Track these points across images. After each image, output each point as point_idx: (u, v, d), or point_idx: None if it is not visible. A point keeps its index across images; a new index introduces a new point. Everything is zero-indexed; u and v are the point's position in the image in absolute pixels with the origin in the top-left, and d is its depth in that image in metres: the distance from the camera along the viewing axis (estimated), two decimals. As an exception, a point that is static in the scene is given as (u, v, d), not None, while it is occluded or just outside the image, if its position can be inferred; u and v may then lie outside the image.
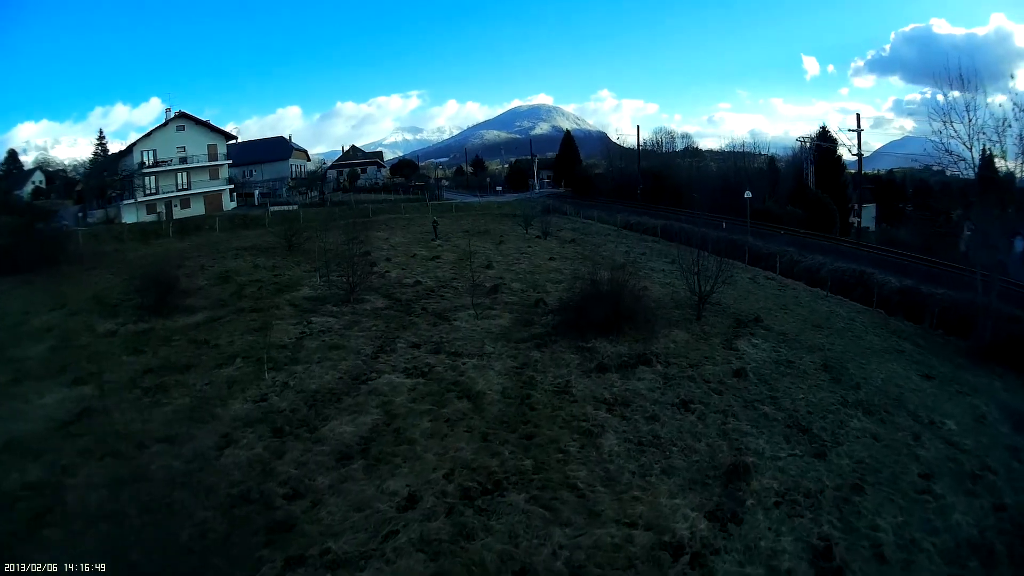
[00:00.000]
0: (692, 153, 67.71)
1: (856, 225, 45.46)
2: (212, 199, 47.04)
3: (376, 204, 49.48)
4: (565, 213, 47.10)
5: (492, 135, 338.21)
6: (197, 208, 46.16)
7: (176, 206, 45.85)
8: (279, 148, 61.78)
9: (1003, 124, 20.19)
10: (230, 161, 48.47)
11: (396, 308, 19.48)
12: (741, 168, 53.20)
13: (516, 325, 17.71)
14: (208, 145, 46.61)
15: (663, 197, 50.89)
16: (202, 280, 24.14)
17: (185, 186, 45.87)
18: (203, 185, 46.48)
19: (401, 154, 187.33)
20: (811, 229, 39.41)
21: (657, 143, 67.69)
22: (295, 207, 46.24)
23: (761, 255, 32.06)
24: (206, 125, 47.19)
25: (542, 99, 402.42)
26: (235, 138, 50.61)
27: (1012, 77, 50.89)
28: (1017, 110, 19.80)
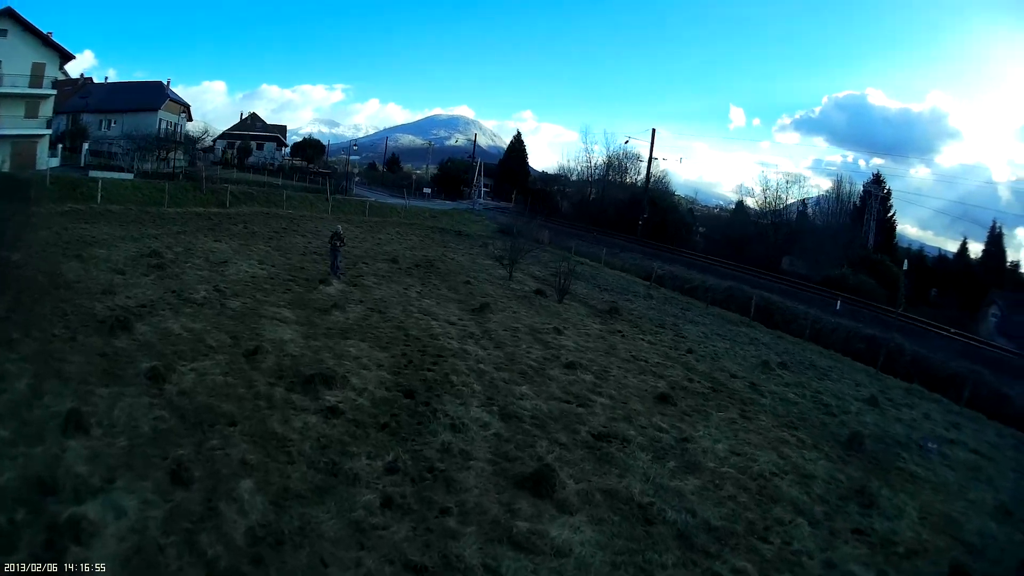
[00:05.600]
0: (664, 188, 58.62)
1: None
2: (24, 149, 28.83)
3: (256, 188, 34.48)
4: (539, 241, 33.63)
5: (408, 139, 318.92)
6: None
7: (-29, 152, 26.96)
8: (149, 95, 42.40)
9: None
10: (55, 91, 30.36)
11: None
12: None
13: None
14: (33, 64, 28.38)
15: (663, 234, 41.06)
16: None
17: (-10, 123, 27.15)
18: (14, 125, 28.14)
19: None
20: (880, 303, 29.29)
21: (620, 167, 57.53)
22: (130, 176, 29.69)
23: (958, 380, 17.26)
24: (39, 35, 28.80)
25: (464, 111, 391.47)
26: (73, 58, 31.35)
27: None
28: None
